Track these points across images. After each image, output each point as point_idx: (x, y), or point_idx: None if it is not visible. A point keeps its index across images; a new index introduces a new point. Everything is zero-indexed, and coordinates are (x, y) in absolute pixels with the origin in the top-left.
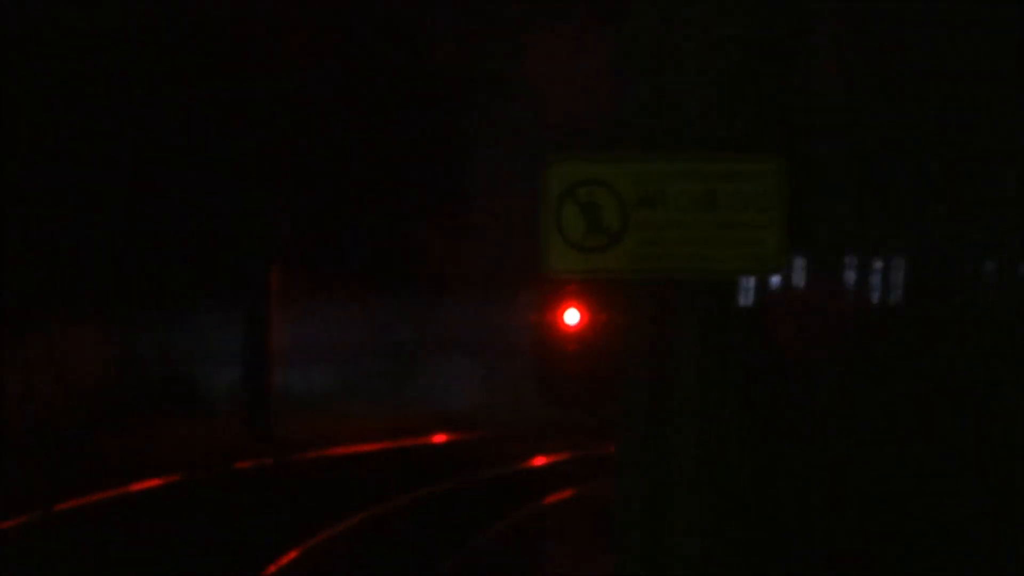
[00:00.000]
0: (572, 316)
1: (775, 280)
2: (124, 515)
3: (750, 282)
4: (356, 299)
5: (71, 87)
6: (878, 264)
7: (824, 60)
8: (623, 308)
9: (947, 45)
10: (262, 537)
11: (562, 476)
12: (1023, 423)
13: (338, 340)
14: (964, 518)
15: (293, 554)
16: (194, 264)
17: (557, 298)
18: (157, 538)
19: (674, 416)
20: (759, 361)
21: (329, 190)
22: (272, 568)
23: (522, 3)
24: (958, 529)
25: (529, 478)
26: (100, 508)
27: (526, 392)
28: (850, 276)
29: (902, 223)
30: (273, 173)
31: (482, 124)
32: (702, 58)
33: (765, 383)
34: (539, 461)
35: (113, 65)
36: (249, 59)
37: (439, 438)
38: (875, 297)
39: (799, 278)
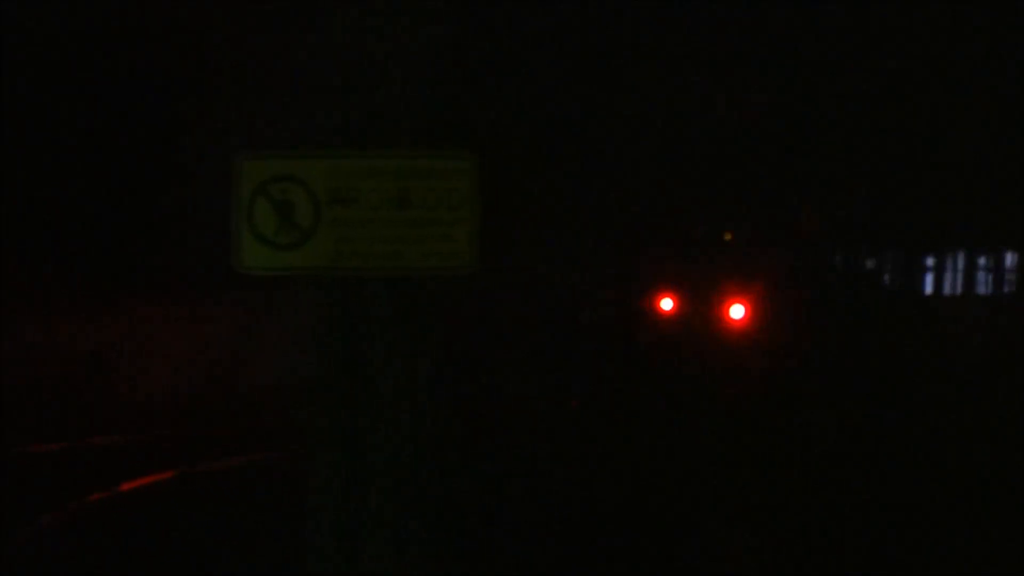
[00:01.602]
0: (667, 303)
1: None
2: None
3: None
4: (54, 297)
5: None
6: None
7: (519, 63)
8: (315, 306)
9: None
10: None
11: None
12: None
13: (28, 338)
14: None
15: None
16: None
17: (650, 285)
18: None
19: (368, 414)
20: (457, 357)
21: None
22: None
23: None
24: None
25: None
26: None
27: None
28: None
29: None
30: None
31: (186, 121)
32: (399, 57)
33: (463, 379)
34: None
35: None
36: None
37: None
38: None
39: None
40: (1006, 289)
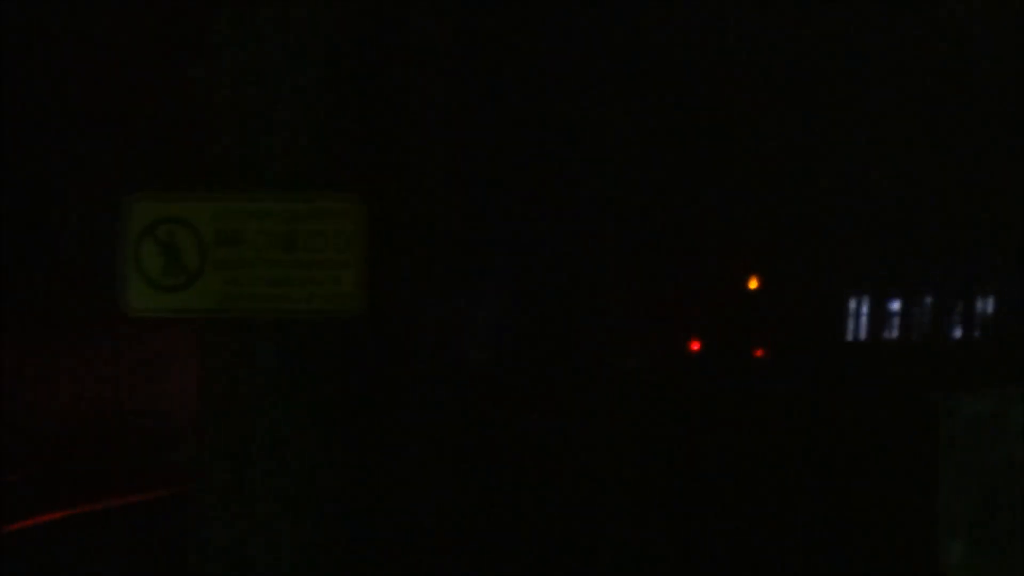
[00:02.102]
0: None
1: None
2: None
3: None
4: None
5: None
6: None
7: (410, 98)
8: (203, 347)
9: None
10: None
11: None
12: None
13: None
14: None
15: None
16: None
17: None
18: None
19: (254, 456)
20: (347, 397)
21: None
22: None
23: (101, 34)
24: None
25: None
26: None
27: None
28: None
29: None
30: None
31: (67, 157)
32: (283, 96)
33: (355, 419)
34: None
35: None
36: None
37: None
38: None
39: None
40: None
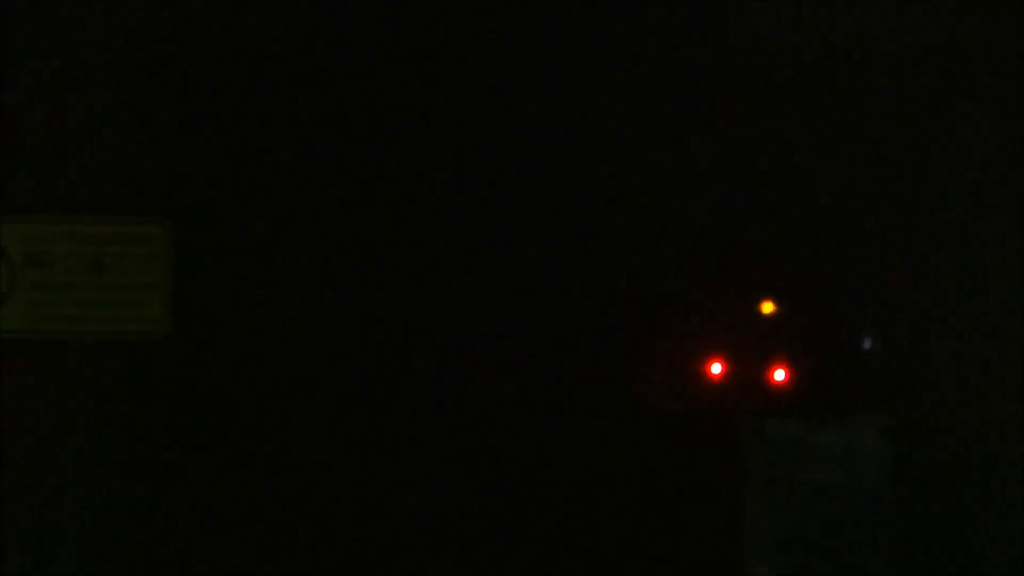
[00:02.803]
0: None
1: None
2: None
3: None
4: None
5: None
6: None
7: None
8: (11, 368)
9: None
10: None
11: None
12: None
13: None
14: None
15: None
16: None
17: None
18: None
19: (62, 478)
20: (154, 420)
21: None
22: None
23: None
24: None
25: None
26: None
27: None
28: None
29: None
30: None
31: None
32: (98, 122)
33: (169, 440)
34: None
35: None
36: None
37: None
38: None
39: None
40: None
